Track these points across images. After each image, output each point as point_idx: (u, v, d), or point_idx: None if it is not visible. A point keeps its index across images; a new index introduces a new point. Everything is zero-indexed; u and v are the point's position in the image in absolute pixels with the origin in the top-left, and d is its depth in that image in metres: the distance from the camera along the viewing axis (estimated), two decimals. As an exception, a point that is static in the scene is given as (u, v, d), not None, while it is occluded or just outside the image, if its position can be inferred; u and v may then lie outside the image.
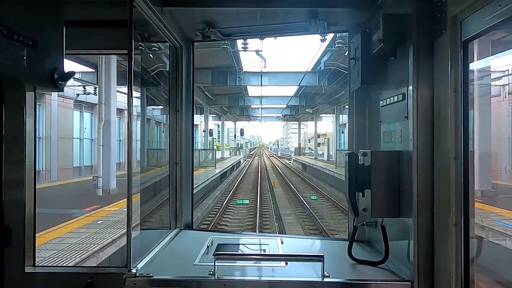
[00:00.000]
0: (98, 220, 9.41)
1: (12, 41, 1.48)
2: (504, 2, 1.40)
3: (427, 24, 1.86)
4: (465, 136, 1.70)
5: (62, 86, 1.77)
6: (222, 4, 2.45)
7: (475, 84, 1.80)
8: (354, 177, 2.19)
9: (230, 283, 1.96)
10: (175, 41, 2.82)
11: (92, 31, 2.66)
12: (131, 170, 2.01)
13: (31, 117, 2.23)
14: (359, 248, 2.53)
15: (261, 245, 2.65)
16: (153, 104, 4.51)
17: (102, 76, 14.78)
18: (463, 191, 1.70)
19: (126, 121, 2.05)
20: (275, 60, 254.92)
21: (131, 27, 1.95)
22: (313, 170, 32.39)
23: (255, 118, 56.92)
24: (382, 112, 2.40)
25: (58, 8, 1.77)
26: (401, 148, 2.09)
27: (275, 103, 41.22)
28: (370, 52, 2.31)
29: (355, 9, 2.46)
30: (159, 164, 3.67)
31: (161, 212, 3.21)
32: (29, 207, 2.23)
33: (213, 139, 37.93)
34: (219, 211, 15.22)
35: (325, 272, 1.97)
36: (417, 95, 1.87)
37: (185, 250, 2.50)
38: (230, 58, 19.82)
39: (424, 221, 1.86)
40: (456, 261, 1.71)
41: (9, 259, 2.17)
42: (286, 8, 2.52)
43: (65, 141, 22.48)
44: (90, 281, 2.10)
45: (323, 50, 19.54)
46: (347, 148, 2.88)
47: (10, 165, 2.18)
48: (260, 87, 27.01)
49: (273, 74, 25.82)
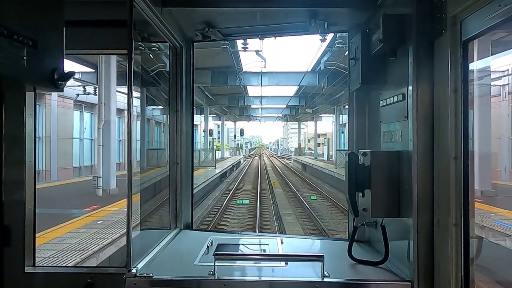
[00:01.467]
0: (98, 220, 9.41)
1: (12, 41, 1.48)
2: (504, 2, 1.40)
3: (427, 24, 1.86)
4: (465, 136, 1.70)
5: (62, 86, 1.77)
6: (222, 4, 2.45)
7: (475, 84, 1.80)
8: (354, 177, 2.19)
9: (230, 283, 1.96)
10: (175, 41, 2.82)
11: (92, 31, 2.66)
12: (131, 170, 2.01)
13: (31, 117, 2.23)
14: (359, 248, 2.53)
15: (261, 245, 2.65)
16: (153, 104, 4.52)
17: (102, 76, 14.78)
18: (463, 191, 1.70)
19: (126, 121, 2.05)
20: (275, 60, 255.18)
21: (131, 27, 1.95)
22: (313, 170, 32.30)
23: (255, 118, 56.87)
24: (382, 112, 2.40)
25: (58, 8, 1.77)
26: (401, 148, 2.09)
27: (275, 103, 41.19)
28: (370, 52, 2.31)
29: (355, 9, 2.46)
30: (159, 164, 3.68)
31: (161, 212, 3.20)
32: (29, 207, 2.23)
33: (213, 139, 37.87)
34: (219, 211, 15.20)
35: (325, 272, 1.97)
36: (417, 95, 1.87)
37: (185, 250, 2.50)
38: (230, 58, 19.81)
39: (424, 221, 1.86)
40: (456, 261, 1.71)
41: (9, 259, 2.17)
42: (286, 8, 2.52)
43: (65, 141, 22.48)
44: (90, 281, 2.10)
45: (323, 50, 19.56)
46: (347, 148, 2.88)
47: (10, 165, 2.18)
48: (260, 87, 26.96)
49: (273, 74, 25.75)
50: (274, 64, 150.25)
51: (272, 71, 26.79)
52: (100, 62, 14.88)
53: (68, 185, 17.63)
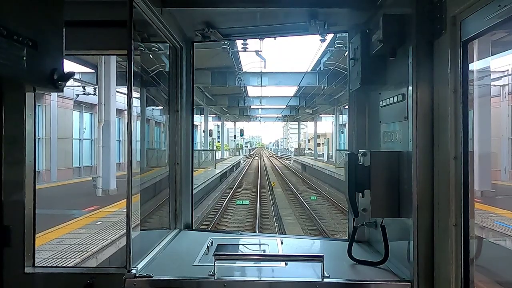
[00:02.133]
0: (98, 220, 9.40)
1: (12, 41, 1.48)
2: (504, 2, 1.40)
3: (426, 24, 1.86)
4: (465, 136, 1.70)
5: (62, 86, 1.77)
6: (222, 4, 2.45)
7: (475, 84, 1.80)
8: (354, 178, 2.19)
9: (230, 283, 1.96)
10: (175, 41, 2.82)
11: (92, 31, 2.66)
12: (131, 171, 2.01)
13: (31, 117, 2.23)
14: (359, 249, 2.53)
15: (261, 246, 2.64)
16: (153, 105, 4.52)
17: (101, 76, 14.79)
18: (463, 191, 1.70)
19: (126, 121, 2.05)
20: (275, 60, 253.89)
21: (131, 28, 1.95)
22: (313, 170, 32.21)
23: (255, 118, 56.81)
24: (381, 112, 2.40)
25: (58, 8, 1.77)
26: (401, 148, 2.09)
27: (275, 103, 41.11)
28: (370, 53, 2.31)
29: (355, 10, 2.46)
30: (159, 165, 3.67)
31: (161, 212, 3.20)
32: (29, 207, 2.23)
33: (213, 140, 37.76)
34: (219, 211, 15.19)
35: (325, 273, 1.97)
36: (416, 95, 1.87)
37: (185, 251, 2.50)
38: (229, 59, 19.80)
39: (424, 221, 1.86)
40: (456, 261, 1.71)
41: (8, 259, 2.16)
42: (286, 9, 2.52)
43: (64, 141, 22.45)
44: (90, 281, 2.10)
45: (322, 51, 19.55)
46: (346, 148, 2.88)
47: (10, 165, 2.18)
48: (260, 87, 26.89)
49: (273, 75, 25.68)
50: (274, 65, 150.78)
51: (272, 71, 26.78)
52: (100, 62, 14.90)
53: (68, 185, 17.64)
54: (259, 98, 34.98)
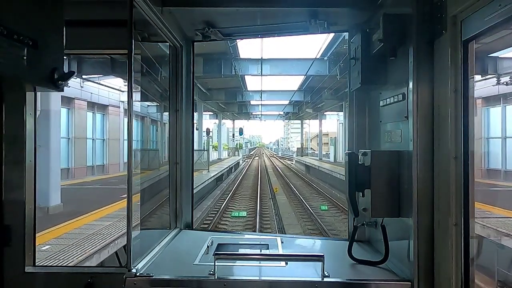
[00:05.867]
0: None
1: (12, 41, 1.48)
2: (504, 2, 1.40)
3: (427, 24, 1.86)
4: (465, 136, 1.70)
5: (62, 86, 1.78)
6: (222, 4, 2.45)
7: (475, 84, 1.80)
8: (354, 177, 2.19)
9: (230, 283, 1.96)
10: (175, 41, 2.82)
11: (92, 31, 2.66)
12: (131, 170, 2.01)
13: (31, 117, 2.23)
14: (359, 248, 2.53)
15: (261, 245, 2.65)
16: (152, 104, 4.52)
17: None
18: (463, 191, 1.70)
19: (109, 117, 2.05)
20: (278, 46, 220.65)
21: (131, 27, 1.95)
22: (319, 173, 29.69)
23: (255, 116, 55.07)
24: (382, 112, 2.40)
25: (58, 8, 1.77)
26: (401, 148, 2.09)
27: (277, 98, 36.39)
28: (370, 52, 2.31)
29: (355, 9, 2.46)
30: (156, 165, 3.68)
31: (161, 213, 3.21)
32: (29, 207, 2.23)
33: (209, 138, 34.93)
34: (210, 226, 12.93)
35: (325, 272, 1.97)
36: (417, 95, 1.87)
37: (185, 250, 2.50)
38: (224, 43, 16.00)
39: (424, 221, 1.86)
40: (456, 261, 1.71)
41: (9, 259, 2.17)
42: (286, 8, 2.52)
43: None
44: (90, 281, 2.10)
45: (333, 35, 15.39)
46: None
47: (10, 165, 2.18)
48: (260, 76, 22.53)
49: (275, 62, 21.12)
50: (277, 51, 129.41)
51: (274, 57, 22.60)
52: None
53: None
54: (259, 93, 30.93)
